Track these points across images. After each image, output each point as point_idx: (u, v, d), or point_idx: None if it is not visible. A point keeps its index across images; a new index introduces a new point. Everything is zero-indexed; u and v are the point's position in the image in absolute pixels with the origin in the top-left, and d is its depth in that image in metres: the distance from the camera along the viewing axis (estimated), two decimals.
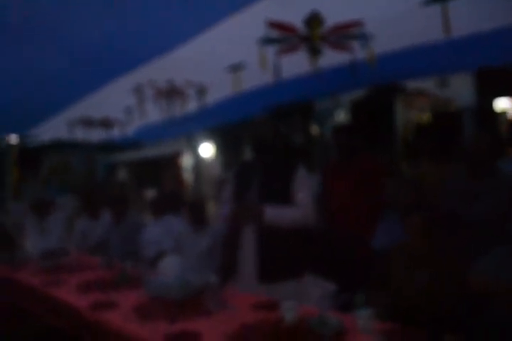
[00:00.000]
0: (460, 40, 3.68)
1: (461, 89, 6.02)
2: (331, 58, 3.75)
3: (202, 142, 11.07)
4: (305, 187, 2.65)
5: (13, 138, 8.84)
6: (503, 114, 5.80)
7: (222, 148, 10.77)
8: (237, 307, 2.17)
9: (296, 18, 3.22)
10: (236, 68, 4.38)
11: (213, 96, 5.45)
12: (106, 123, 6.91)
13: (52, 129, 7.38)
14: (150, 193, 4.40)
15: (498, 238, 2.50)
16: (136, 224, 4.44)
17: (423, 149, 6.28)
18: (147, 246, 4.05)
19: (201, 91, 5.11)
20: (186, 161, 12.04)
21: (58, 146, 10.80)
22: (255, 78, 4.39)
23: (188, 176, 11.97)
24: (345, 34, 3.35)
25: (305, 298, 2.44)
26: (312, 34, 3.25)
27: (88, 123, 6.82)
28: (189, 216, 3.86)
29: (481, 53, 4.38)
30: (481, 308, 2.21)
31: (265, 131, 2.74)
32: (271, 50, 3.53)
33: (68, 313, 2.47)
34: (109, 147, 11.51)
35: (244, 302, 2.25)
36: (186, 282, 2.31)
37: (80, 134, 7.33)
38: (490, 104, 5.85)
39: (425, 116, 6.71)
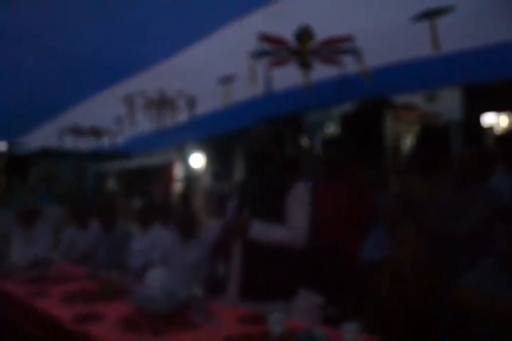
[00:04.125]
0: (448, 56, 3.73)
1: (449, 103, 6.10)
2: (322, 71, 3.79)
3: (192, 152, 11.06)
4: (301, 205, 2.44)
5: (2, 146, 8.78)
6: (490, 128, 5.88)
7: (212, 159, 10.77)
8: (223, 321, 2.16)
9: (287, 32, 3.26)
10: (227, 80, 4.40)
11: (204, 107, 5.47)
12: (96, 133, 6.89)
13: (41, 137, 7.35)
14: (138, 203, 4.38)
15: (484, 252, 2.52)
16: (124, 234, 4.41)
17: (411, 162, 6.33)
18: (134, 256, 4.02)
19: (192, 102, 5.12)
20: (177, 171, 12.01)
21: (47, 154, 10.74)
22: (246, 90, 4.42)
23: (178, 186, 11.94)
24: (336, 48, 3.39)
25: (293, 311, 2.42)
26: (302, 48, 3.29)
27: (78, 132, 6.80)
28: (177, 227, 3.84)
29: (469, 69, 4.45)
30: (464, 322, 2.22)
31: (266, 140, 2.54)
32: (262, 63, 3.56)
33: (52, 325, 2.44)
34: (98, 156, 11.46)
35: (231, 316, 2.23)
36: (172, 294, 2.29)
37: (70, 143, 7.30)
38: (477, 119, 5.92)
39: (414, 130, 6.78)
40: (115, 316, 2.28)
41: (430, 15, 3.03)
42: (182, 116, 5.59)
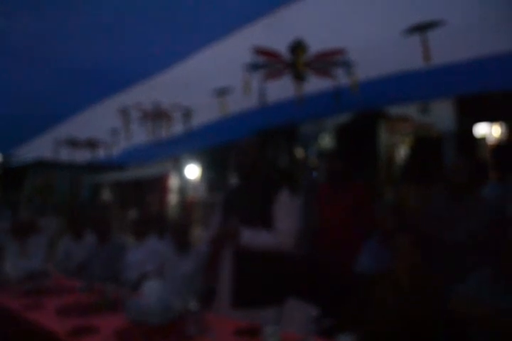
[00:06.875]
0: (441, 68, 3.79)
1: (442, 114, 6.15)
2: (316, 84, 3.83)
3: (187, 164, 11.07)
4: (288, 211, 2.53)
5: None
6: (483, 139, 5.92)
7: (207, 170, 10.77)
8: (218, 333, 2.16)
9: (282, 44, 3.30)
10: (222, 92, 4.44)
11: (199, 119, 5.49)
12: (91, 144, 6.90)
13: (36, 149, 7.35)
14: (133, 214, 4.40)
15: (479, 261, 2.54)
16: (119, 245, 4.40)
17: (405, 173, 6.37)
18: (129, 268, 4.01)
19: (187, 114, 5.15)
20: (172, 183, 12.00)
21: (42, 166, 10.72)
22: (241, 102, 4.45)
23: (173, 198, 11.92)
24: (329, 61, 3.43)
25: (287, 323, 2.42)
26: (296, 61, 3.32)
27: (73, 143, 6.81)
28: (173, 238, 3.84)
29: (461, 80, 4.50)
30: (462, 334, 2.23)
31: (250, 153, 2.67)
32: (256, 75, 3.60)
33: (47, 337, 2.43)
34: (93, 168, 11.44)
35: (226, 328, 2.23)
36: (167, 306, 2.29)
37: (65, 154, 7.31)
38: (470, 130, 5.97)
39: (408, 141, 6.82)
40: (110, 329, 2.28)
41: (422, 28, 3.08)
42: (177, 128, 5.61)
